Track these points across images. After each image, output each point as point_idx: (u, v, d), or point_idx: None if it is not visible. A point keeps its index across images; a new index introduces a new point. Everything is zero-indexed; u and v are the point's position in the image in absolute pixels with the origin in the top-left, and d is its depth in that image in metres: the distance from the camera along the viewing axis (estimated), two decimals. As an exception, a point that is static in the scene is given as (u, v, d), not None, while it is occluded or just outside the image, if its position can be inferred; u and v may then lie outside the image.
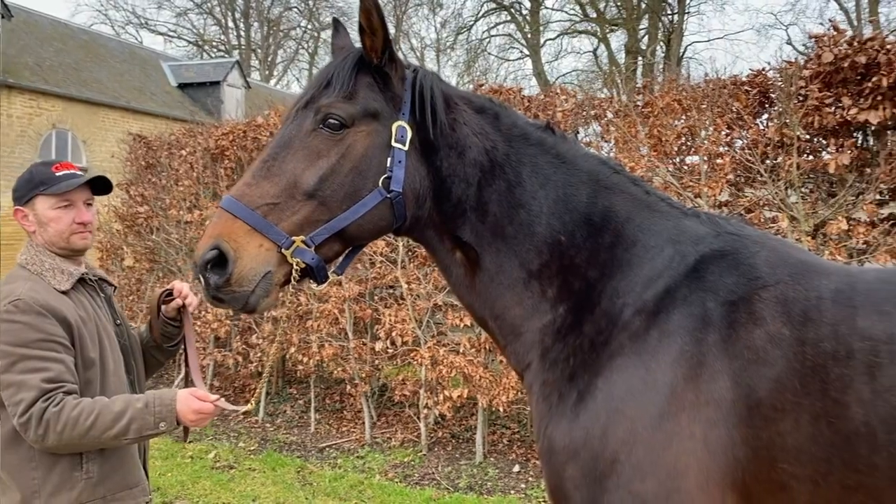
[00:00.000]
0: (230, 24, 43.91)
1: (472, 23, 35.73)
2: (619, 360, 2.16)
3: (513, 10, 35.55)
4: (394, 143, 2.21)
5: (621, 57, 32.46)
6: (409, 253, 7.31)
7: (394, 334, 7.07)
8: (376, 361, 7.45)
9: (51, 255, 2.74)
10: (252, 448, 7.62)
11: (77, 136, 20.82)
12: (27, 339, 2.49)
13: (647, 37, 32.43)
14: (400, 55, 2.32)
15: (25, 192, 2.73)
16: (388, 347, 7.19)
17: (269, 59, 44.94)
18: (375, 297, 7.69)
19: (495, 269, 2.33)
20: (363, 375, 7.44)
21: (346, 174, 2.17)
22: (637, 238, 2.29)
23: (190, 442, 7.57)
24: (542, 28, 35.69)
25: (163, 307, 2.98)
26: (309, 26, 45.09)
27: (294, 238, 2.12)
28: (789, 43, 32.55)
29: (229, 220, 2.10)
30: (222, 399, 2.65)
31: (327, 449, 7.47)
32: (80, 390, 2.58)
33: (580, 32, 36.40)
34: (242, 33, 44.02)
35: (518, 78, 37.08)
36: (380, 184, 2.20)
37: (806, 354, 1.97)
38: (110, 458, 2.67)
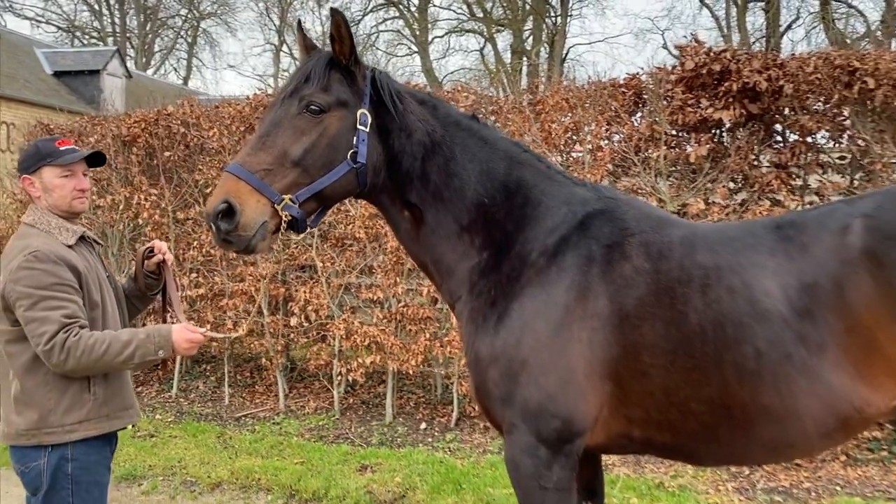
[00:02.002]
0: (104, 10, 42.35)
1: (360, 17, 36.00)
2: (528, 289, 2.91)
3: (401, 7, 36.08)
4: (358, 126, 2.88)
5: (507, 57, 33.59)
6: (322, 236, 7.90)
7: (308, 309, 7.66)
8: (291, 335, 8.02)
9: (55, 217, 3.25)
10: (170, 420, 8.04)
11: (-56, 123, 20.09)
12: (47, 282, 3.02)
13: (531, 38, 33.68)
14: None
15: (33, 163, 3.24)
16: (302, 322, 7.77)
17: (146, 47, 43.65)
18: (290, 277, 8.23)
19: (435, 224, 3.05)
20: (279, 349, 8.00)
21: (323, 148, 2.83)
22: (541, 200, 3.05)
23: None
24: (430, 25, 36.42)
25: (145, 262, 3.53)
26: (189, 15, 44.13)
27: (284, 196, 2.76)
28: (665, 47, 34.48)
29: (235, 181, 2.72)
30: (209, 330, 3.25)
31: (243, 418, 7.98)
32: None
33: (467, 31, 37.31)
34: (117, 20, 42.52)
35: (407, 74, 37.65)
36: (348, 157, 2.86)
37: (660, 280, 2.77)
38: (112, 383, 3.23)
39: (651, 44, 38.77)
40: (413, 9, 35.78)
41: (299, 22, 3.27)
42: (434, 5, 36.03)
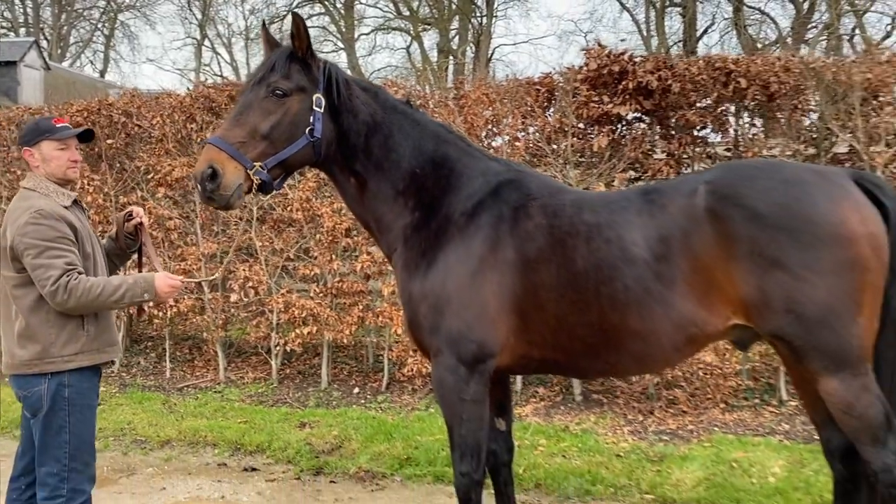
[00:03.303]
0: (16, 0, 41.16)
1: (285, 13, 35.67)
2: (451, 243, 3.63)
3: (327, 3, 36.13)
4: (314, 108, 3.55)
5: (434, 55, 34.17)
6: (260, 219, 8.47)
7: (248, 286, 8.23)
8: (231, 311, 8.58)
9: (52, 183, 3.81)
10: (114, 391, 8.50)
11: None
12: (51, 235, 3.59)
13: (458, 37, 34.35)
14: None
15: (33, 137, 3.80)
16: (242, 298, 8.33)
17: (62, 39, 42.55)
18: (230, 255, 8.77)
19: (376, 190, 3.74)
20: (220, 323, 8.55)
21: (287, 125, 3.49)
22: (462, 172, 3.77)
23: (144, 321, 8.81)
24: (356, 23, 36.64)
25: (125, 224, 4.12)
26: (106, 7, 43.18)
27: (255, 164, 3.41)
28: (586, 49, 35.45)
29: (217, 151, 3.37)
30: (186, 278, 3.87)
31: (186, 388, 8.49)
32: None
33: (394, 29, 37.69)
34: (30, 10, 41.36)
35: (331, 71, 37.63)
36: (306, 132, 3.53)
37: (554, 233, 3.52)
38: (101, 322, 3.82)
39: (574, 45, 39.90)
40: (339, 5, 35.94)
41: (264, 23, 3.94)
42: (360, 3, 36.22)
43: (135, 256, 4.28)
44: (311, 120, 3.54)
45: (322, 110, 3.57)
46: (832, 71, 6.44)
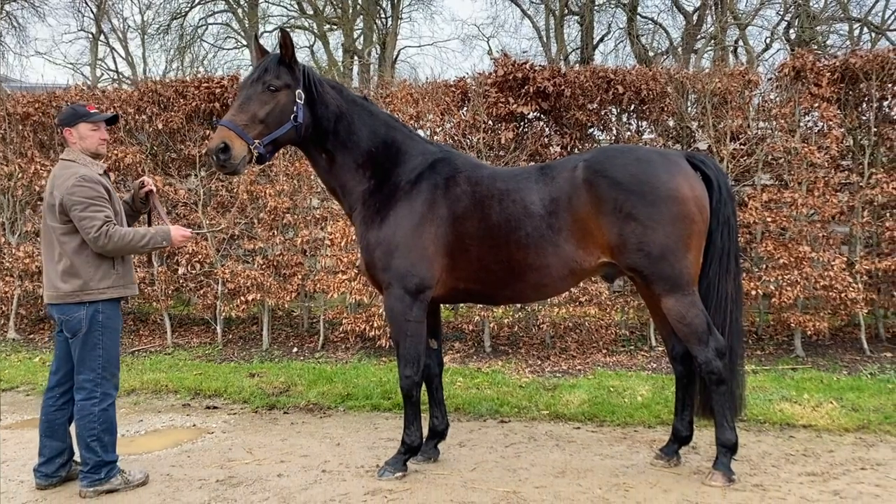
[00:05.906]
0: None
1: (187, 9, 35.27)
2: (399, 203, 4.87)
3: (231, 1, 35.86)
4: (297, 100, 4.72)
5: (339, 55, 34.59)
6: (204, 203, 9.48)
7: (194, 261, 9.24)
8: (180, 282, 9.56)
9: (86, 156, 4.86)
10: (68, 357, 9.33)
11: None
12: (92, 195, 4.65)
13: (363, 38, 35.00)
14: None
15: (72, 119, 4.84)
16: (188, 271, 9.32)
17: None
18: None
19: (342, 163, 4.95)
20: (169, 293, 9.52)
21: (277, 112, 4.66)
22: (407, 151, 5.02)
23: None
24: (260, 20, 36.49)
25: (140, 191, 5.19)
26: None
27: (255, 140, 4.57)
28: (490, 53, 36.97)
29: (227, 130, 4.50)
30: (195, 230, 4.97)
31: (137, 352, 9.42)
32: None
33: (298, 27, 37.89)
34: None
35: (236, 67, 36.54)
36: (291, 118, 4.70)
37: (475, 196, 4.81)
38: (126, 264, 4.89)
39: (477, 49, 41.42)
40: (243, 3, 35.67)
41: (256, 35, 5.11)
42: (264, 0, 36.32)
43: (143, 217, 5.36)
44: (295, 109, 4.71)
45: (302, 102, 4.74)
46: (690, 80, 7.98)
